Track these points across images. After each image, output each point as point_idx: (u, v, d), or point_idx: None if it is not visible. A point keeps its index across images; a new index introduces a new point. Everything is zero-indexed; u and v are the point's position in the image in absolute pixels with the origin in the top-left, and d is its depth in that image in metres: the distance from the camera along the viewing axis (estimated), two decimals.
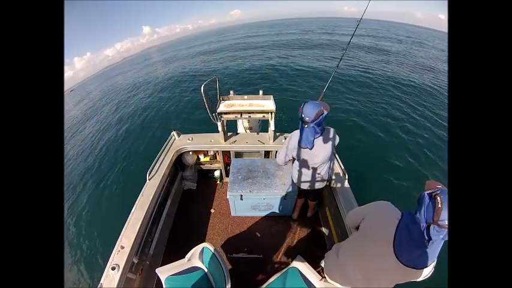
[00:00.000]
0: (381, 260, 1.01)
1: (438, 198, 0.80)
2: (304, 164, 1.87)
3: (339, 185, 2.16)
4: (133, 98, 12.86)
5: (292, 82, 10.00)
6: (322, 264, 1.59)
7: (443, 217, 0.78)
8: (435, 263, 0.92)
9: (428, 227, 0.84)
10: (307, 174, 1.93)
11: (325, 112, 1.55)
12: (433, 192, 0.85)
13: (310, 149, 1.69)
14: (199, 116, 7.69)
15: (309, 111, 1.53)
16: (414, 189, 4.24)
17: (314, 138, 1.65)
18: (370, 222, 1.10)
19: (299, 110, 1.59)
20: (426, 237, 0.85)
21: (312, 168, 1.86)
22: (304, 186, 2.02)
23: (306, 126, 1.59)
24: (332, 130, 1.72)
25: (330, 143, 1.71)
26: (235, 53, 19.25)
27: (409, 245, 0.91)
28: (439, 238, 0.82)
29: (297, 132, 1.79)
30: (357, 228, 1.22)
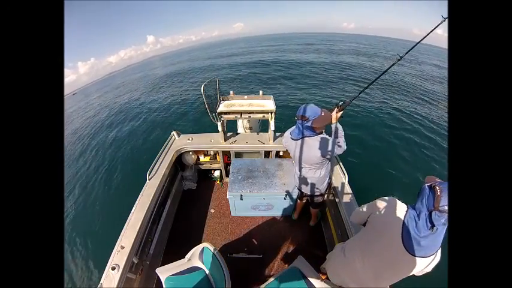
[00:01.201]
0: (391, 253, 1.04)
1: (437, 187, 0.89)
2: (294, 160, 1.89)
3: (339, 185, 2.16)
4: (134, 101, 12.87)
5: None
6: (324, 268, 1.59)
7: (443, 203, 0.86)
8: (440, 250, 0.98)
9: (430, 214, 0.91)
10: (299, 175, 1.95)
11: (310, 123, 1.57)
12: (432, 184, 0.93)
13: (296, 140, 1.73)
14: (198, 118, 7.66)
15: (299, 110, 1.61)
16: (413, 187, 4.24)
17: (301, 137, 1.68)
18: (378, 217, 1.13)
19: None
20: (429, 223, 0.91)
21: (303, 168, 1.87)
22: (300, 187, 2.06)
23: (295, 118, 1.67)
24: (327, 139, 1.65)
25: (318, 148, 1.65)
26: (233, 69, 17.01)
27: (416, 235, 0.95)
28: (441, 223, 0.89)
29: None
30: (364, 225, 1.24)
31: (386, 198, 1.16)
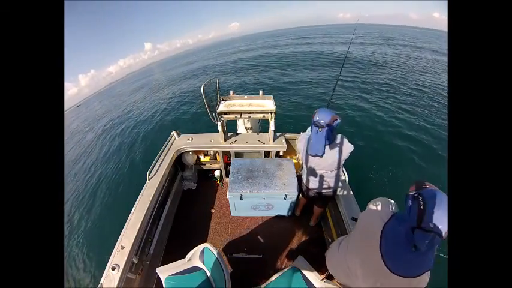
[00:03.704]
0: (370, 264, 0.92)
1: (420, 199, 0.73)
2: (310, 169, 1.85)
3: (339, 186, 2.16)
4: (134, 104, 12.84)
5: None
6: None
7: (427, 220, 0.69)
8: (429, 273, 0.80)
9: (413, 231, 0.75)
10: (313, 180, 1.92)
11: (339, 119, 1.55)
12: (415, 194, 0.77)
13: (321, 156, 1.63)
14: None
15: (324, 115, 1.52)
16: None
17: (324, 145, 1.59)
18: (364, 217, 1.09)
19: (312, 116, 1.56)
20: (411, 242, 0.76)
21: (319, 174, 1.84)
22: (311, 191, 2.02)
23: (320, 130, 1.55)
24: (343, 137, 1.69)
25: (340, 150, 1.68)
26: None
27: (395, 249, 0.82)
28: (424, 244, 0.71)
29: (304, 136, 1.79)
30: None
31: (376, 200, 1.06)
